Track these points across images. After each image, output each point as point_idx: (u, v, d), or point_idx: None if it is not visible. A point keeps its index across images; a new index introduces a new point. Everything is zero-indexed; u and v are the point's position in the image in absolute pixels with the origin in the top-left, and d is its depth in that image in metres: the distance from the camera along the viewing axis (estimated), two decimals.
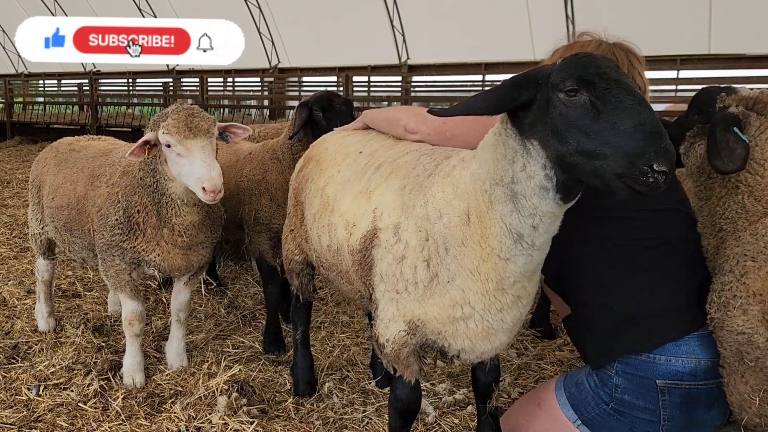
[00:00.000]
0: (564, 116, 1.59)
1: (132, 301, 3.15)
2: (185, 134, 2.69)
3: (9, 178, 9.79)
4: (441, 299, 1.95)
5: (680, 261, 2.14)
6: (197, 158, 2.68)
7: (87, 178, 3.27)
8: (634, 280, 2.11)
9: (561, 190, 1.69)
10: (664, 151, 1.47)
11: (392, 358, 2.14)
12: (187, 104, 2.85)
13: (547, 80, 1.65)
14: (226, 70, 18.05)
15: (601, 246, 2.17)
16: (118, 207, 3.01)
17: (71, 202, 3.30)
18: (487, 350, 2.06)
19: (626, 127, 1.50)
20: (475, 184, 1.85)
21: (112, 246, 3.03)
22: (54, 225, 3.47)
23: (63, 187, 3.38)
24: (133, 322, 3.16)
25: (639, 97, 1.56)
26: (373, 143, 2.51)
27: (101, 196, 3.10)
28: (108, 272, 3.13)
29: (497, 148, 1.78)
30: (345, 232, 2.26)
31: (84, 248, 3.33)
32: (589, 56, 1.65)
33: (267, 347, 3.67)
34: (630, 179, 1.49)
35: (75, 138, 3.86)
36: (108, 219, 3.03)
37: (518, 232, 1.78)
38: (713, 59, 11.56)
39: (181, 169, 2.74)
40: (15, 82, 22.31)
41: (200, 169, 2.66)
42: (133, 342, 3.19)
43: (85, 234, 3.23)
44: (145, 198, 2.96)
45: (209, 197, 2.65)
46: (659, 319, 2.04)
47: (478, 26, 13.69)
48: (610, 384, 2.10)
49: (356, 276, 2.24)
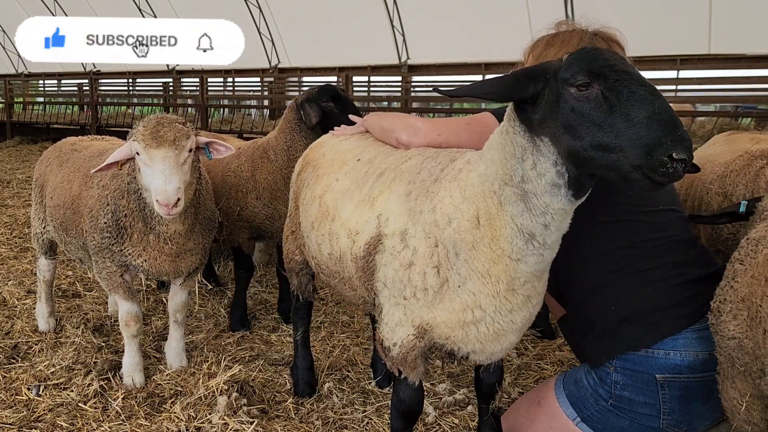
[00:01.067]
0: (576, 111, 1.58)
1: (127, 302, 3.13)
2: (149, 143, 2.64)
3: (9, 178, 9.79)
4: (451, 304, 1.94)
5: (680, 258, 2.14)
6: (157, 169, 2.63)
7: (82, 179, 3.26)
8: (634, 279, 2.11)
9: (573, 186, 1.68)
10: (681, 139, 1.46)
11: (399, 361, 2.13)
12: (168, 115, 2.81)
13: (555, 75, 1.64)
14: (226, 70, 18.05)
15: (603, 248, 2.16)
16: (107, 210, 2.98)
17: (67, 202, 3.30)
18: (497, 351, 2.06)
19: (641, 117, 1.49)
20: (484, 186, 1.84)
21: (102, 248, 3.02)
22: (53, 224, 3.49)
23: (61, 187, 3.38)
24: (129, 323, 3.13)
25: (650, 87, 1.56)
26: (371, 150, 2.47)
27: (92, 198, 3.09)
28: (101, 274, 3.13)
29: (505, 147, 1.77)
30: (348, 240, 2.25)
31: (79, 248, 3.32)
32: (596, 50, 1.65)
33: (234, 326, 3.94)
34: (649, 170, 1.48)
35: (79, 138, 3.85)
36: (98, 221, 3.01)
37: (530, 232, 1.77)
38: (713, 59, 11.56)
39: (145, 179, 2.72)
40: (15, 82, 22.31)
41: (157, 181, 2.61)
42: (132, 342, 3.18)
43: (79, 234, 3.23)
44: (132, 203, 2.93)
45: (163, 211, 2.61)
46: (657, 315, 2.05)
47: (478, 26, 13.69)
48: (608, 381, 2.10)
49: (359, 282, 2.23)
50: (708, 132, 9.67)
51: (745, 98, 10.84)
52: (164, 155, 2.63)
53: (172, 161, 2.65)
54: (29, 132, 17.34)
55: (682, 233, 2.21)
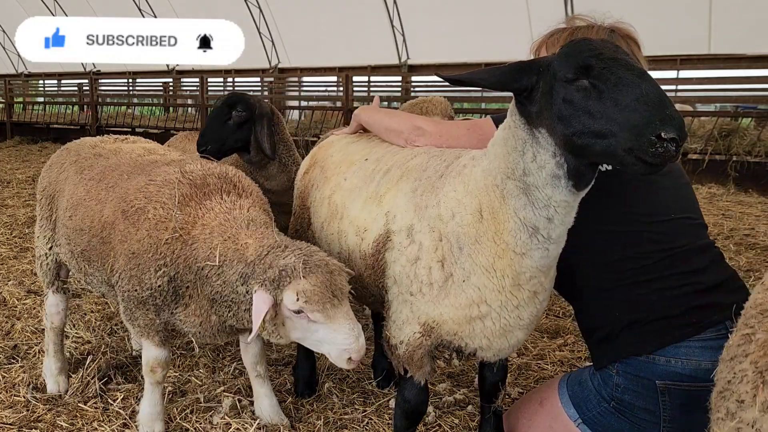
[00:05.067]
0: (567, 101, 1.61)
1: (157, 348, 2.55)
2: (331, 303, 2.08)
3: (9, 178, 9.79)
4: (456, 299, 1.95)
5: (690, 268, 2.08)
6: (343, 327, 2.09)
7: (118, 202, 2.50)
8: (640, 288, 2.08)
9: (573, 177, 1.69)
10: (670, 117, 1.46)
11: (405, 359, 2.14)
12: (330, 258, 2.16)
13: (548, 68, 1.67)
14: (226, 70, 18.05)
15: (610, 258, 2.12)
16: (163, 273, 2.31)
17: (94, 227, 2.59)
18: (504, 348, 2.06)
19: (629, 101, 1.50)
20: (487, 180, 1.85)
21: (143, 303, 2.40)
22: (69, 248, 2.78)
23: (85, 205, 2.66)
24: (156, 369, 2.58)
25: (638, 70, 1.56)
26: (378, 150, 2.52)
27: (139, 242, 2.35)
28: (135, 321, 2.50)
29: (507, 141, 1.80)
30: (356, 238, 2.27)
31: (103, 283, 2.67)
32: (584, 41, 1.67)
33: None
34: (640, 152, 1.48)
35: (99, 139, 3.10)
36: (144, 276, 2.34)
37: (533, 226, 1.78)
38: (713, 59, 11.57)
39: (313, 335, 2.15)
40: (15, 82, 22.31)
41: (347, 339, 2.08)
42: (155, 390, 2.65)
43: (105, 269, 2.56)
44: (205, 287, 2.30)
45: (352, 366, 2.15)
46: (662, 323, 2.03)
47: (478, 26, 13.70)
48: (611, 383, 2.09)
49: (369, 280, 2.24)
50: (708, 132, 9.67)
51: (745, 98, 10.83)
52: (347, 311, 2.11)
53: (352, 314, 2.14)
54: (29, 132, 17.33)
55: (694, 241, 2.14)
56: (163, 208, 2.36)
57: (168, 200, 2.38)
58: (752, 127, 9.90)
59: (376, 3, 15.08)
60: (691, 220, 2.20)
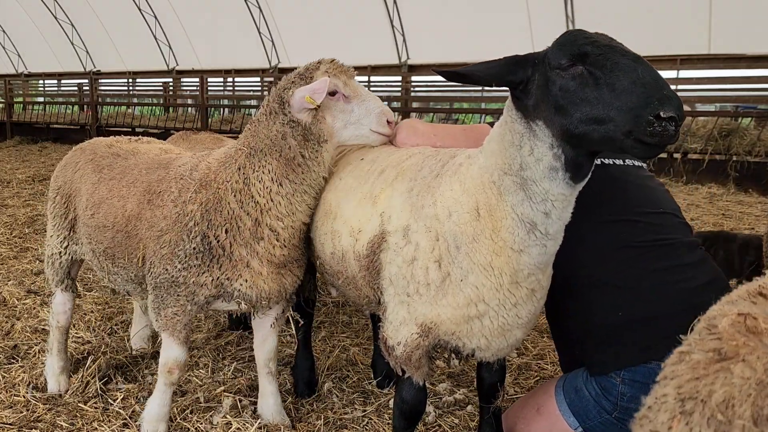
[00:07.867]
0: (564, 89, 1.61)
1: (179, 347, 2.58)
2: (349, 74, 2.48)
3: (9, 178, 9.79)
4: (454, 299, 1.94)
5: (684, 261, 2.12)
6: (369, 95, 2.47)
7: (141, 195, 2.63)
8: (638, 280, 2.08)
9: (570, 169, 1.70)
10: (667, 97, 1.47)
11: (403, 360, 2.13)
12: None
13: (542, 60, 1.69)
14: (226, 70, 18.08)
15: (605, 248, 2.15)
16: (196, 231, 2.42)
17: (118, 223, 2.66)
18: (503, 347, 2.05)
19: (625, 85, 1.51)
20: (483, 177, 1.86)
21: (176, 284, 2.46)
22: (91, 248, 2.83)
23: (108, 203, 2.74)
24: (173, 370, 2.60)
25: (633, 55, 1.58)
26: (374, 150, 2.51)
27: (167, 218, 2.49)
28: (163, 312, 2.53)
29: (504, 137, 1.81)
30: (350, 239, 2.25)
31: (129, 281, 2.73)
32: (578, 31, 1.69)
33: (232, 325, 3.96)
34: (639, 133, 1.49)
35: (113, 139, 3.12)
36: (177, 247, 2.44)
37: (531, 221, 1.78)
38: (713, 59, 11.58)
39: (350, 116, 2.44)
40: (15, 82, 22.32)
41: (377, 102, 2.45)
42: (166, 391, 2.65)
43: (131, 264, 2.65)
44: (235, 206, 2.41)
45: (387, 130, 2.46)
46: (666, 321, 2.00)
47: (478, 26, 13.70)
48: (614, 392, 2.06)
49: (363, 281, 2.23)
50: (708, 132, 9.67)
51: (745, 98, 10.86)
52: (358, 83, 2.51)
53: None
54: (29, 132, 17.35)
55: (684, 237, 2.20)
56: (183, 181, 2.56)
57: (188, 175, 2.58)
58: (752, 127, 9.91)
59: (376, 3, 15.08)
60: (678, 218, 2.27)
